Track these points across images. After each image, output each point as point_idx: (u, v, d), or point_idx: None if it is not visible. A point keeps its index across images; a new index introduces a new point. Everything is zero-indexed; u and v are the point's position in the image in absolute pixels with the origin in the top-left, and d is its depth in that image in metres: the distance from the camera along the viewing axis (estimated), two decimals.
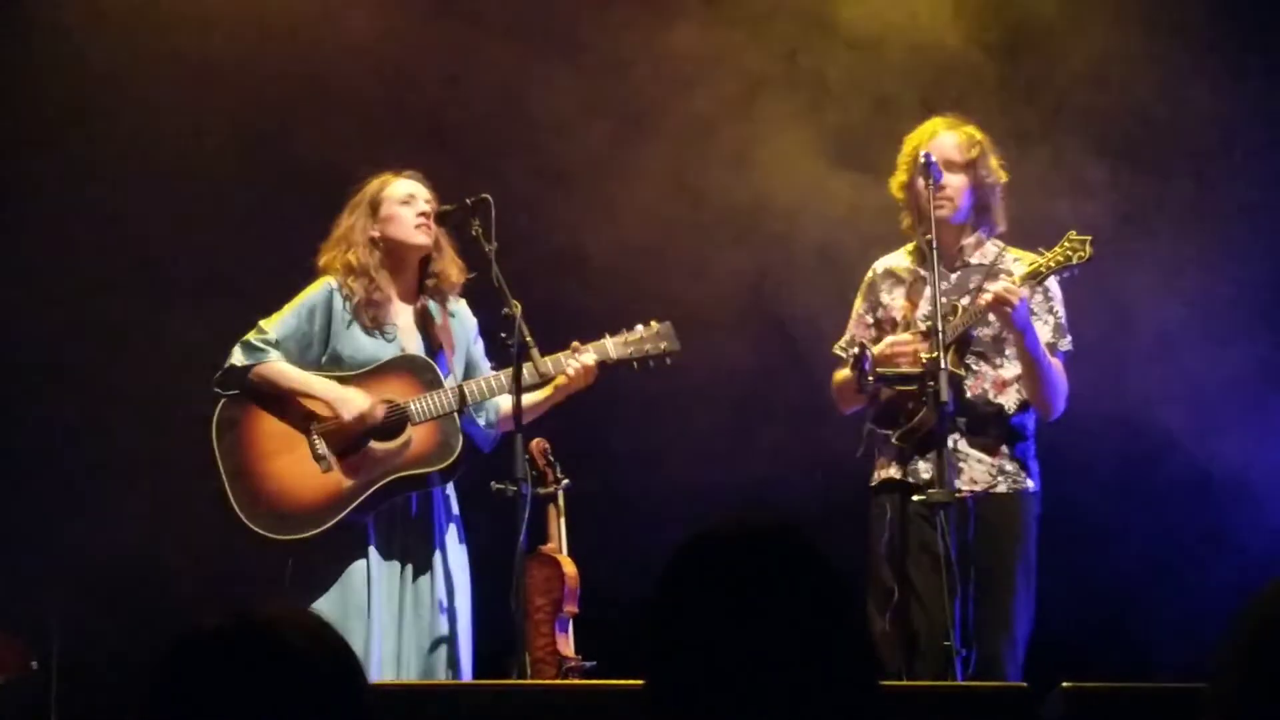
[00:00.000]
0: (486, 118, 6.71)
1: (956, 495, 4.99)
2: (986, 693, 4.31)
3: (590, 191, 6.58)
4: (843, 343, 5.51)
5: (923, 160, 5.18)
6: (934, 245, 5.09)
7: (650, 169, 6.56)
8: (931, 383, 4.94)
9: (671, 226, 6.59)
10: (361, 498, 5.00)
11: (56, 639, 6.32)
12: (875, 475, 5.35)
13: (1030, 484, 5.28)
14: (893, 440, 5.23)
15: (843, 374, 5.43)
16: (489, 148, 6.60)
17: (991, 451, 5.22)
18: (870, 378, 5.07)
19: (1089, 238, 5.15)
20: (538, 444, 6.06)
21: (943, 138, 5.35)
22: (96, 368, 6.67)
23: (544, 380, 5.09)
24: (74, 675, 6.35)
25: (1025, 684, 3.92)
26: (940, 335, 4.94)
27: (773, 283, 6.43)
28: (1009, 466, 5.25)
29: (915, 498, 5.05)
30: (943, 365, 4.92)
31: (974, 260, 5.37)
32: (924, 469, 5.20)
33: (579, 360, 5.09)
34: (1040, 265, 5.17)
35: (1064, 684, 3.81)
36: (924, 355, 5.02)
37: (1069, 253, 5.14)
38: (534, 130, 6.67)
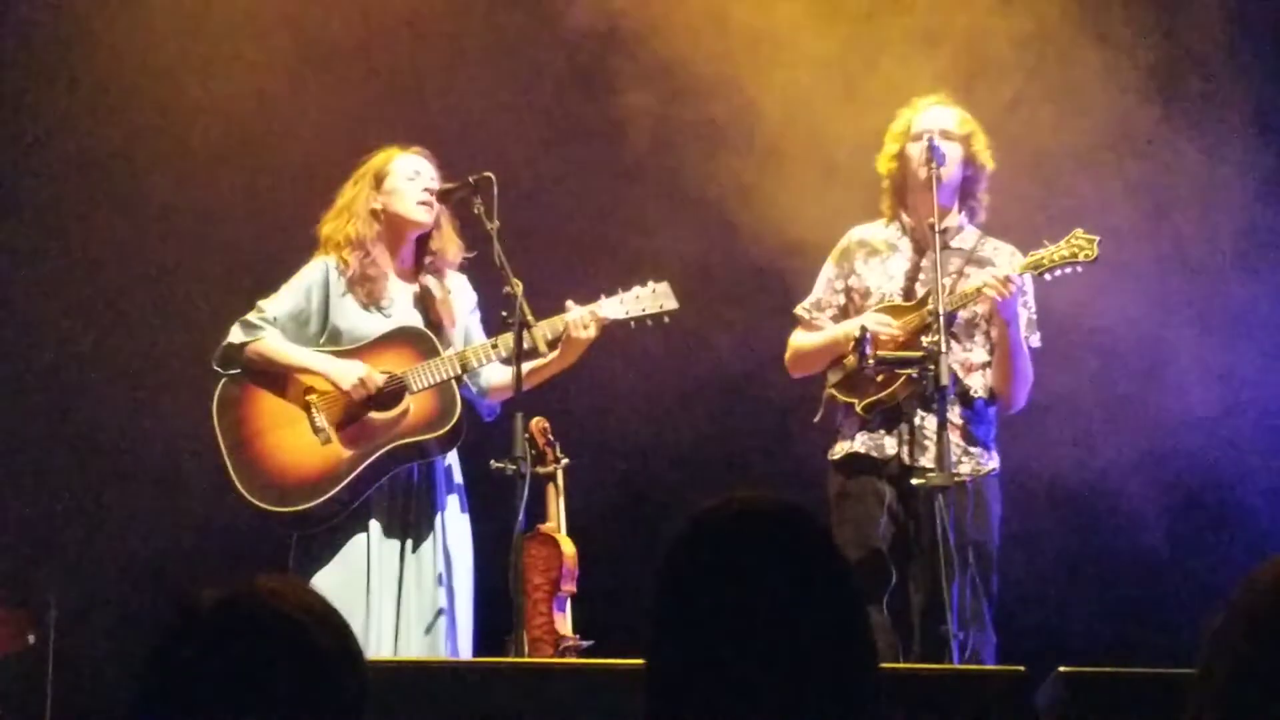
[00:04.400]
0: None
1: (955, 479, 4.98)
2: (984, 676, 4.31)
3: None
4: (807, 304, 5.48)
5: (926, 142, 5.17)
6: (936, 230, 5.08)
7: None
8: (932, 366, 4.94)
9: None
10: (360, 468, 5.01)
11: (54, 612, 6.32)
12: (838, 448, 5.33)
13: (993, 465, 5.27)
14: (857, 409, 5.22)
15: (806, 338, 5.42)
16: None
17: (955, 432, 5.18)
18: (871, 359, 5.06)
19: (1097, 238, 5.11)
20: (537, 423, 6.06)
21: (938, 110, 5.34)
22: (95, 349, 6.68)
23: (545, 350, 5.08)
24: (72, 648, 6.35)
25: (1022, 668, 3.91)
26: (940, 319, 4.94)
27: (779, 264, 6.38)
28: (973, 448, 5.24)
29: (914, 481, 5.03)
30: (943, 349, 4.92)
31: (954, 244, 5.33)
32: (889, 444, 5.19)
33: (586, 310, 5.07)
34: (1043, 258, 5.13)
35: (1061, 668, 3.81)
36: (925, 340, 5.01)
37: (1075, 249, 5.11)
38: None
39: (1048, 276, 5.18)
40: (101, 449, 6.62)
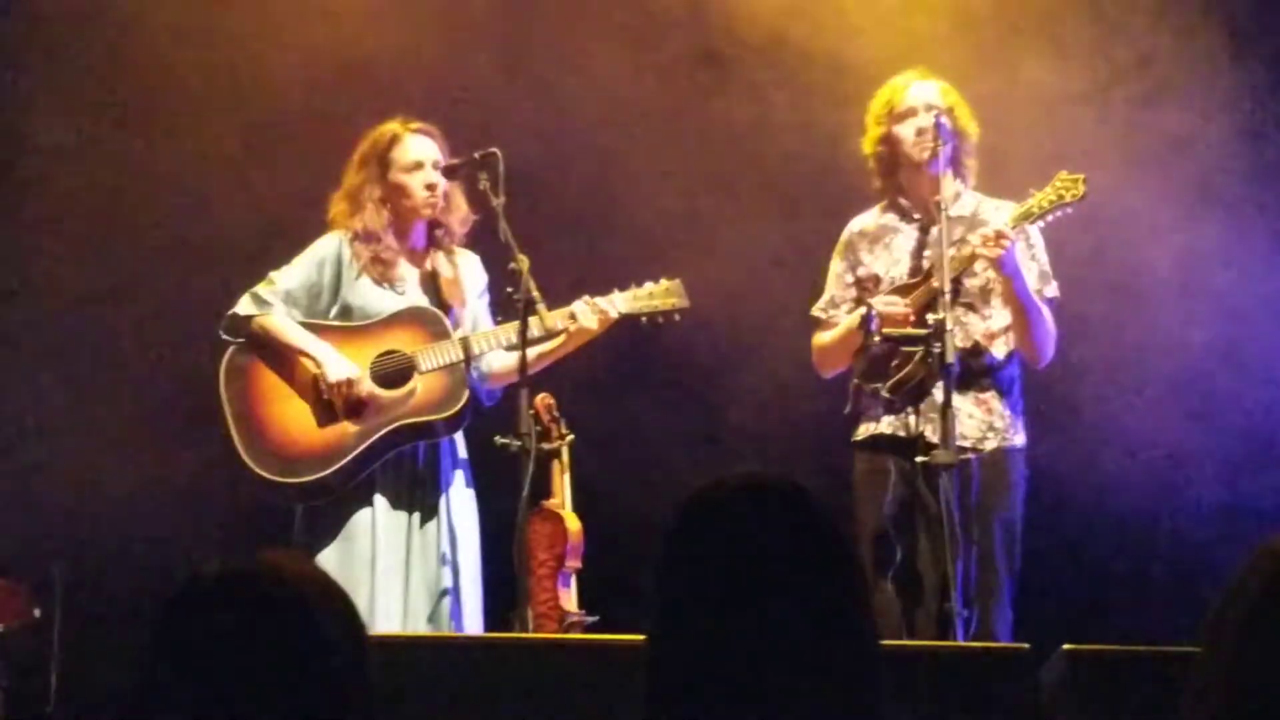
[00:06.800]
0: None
1: (960, 457, 4.98)
2: (988, 654, 4.31)
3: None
4: (821, 304, 5.47)
5: (934, 120, 5.15)
6: (943, 207, 5.05)
7: None
8: (938, 343, 4.93)
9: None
10: (365, 444, 5.03)
11: (59, 586, 6.33)
12: (861, 430, 5.33)
13: (1019, 441, 5.26)
14: (883, 392, 5.21)
15: (825, 336, 5.42)
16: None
17: (981, 406, 5.20)
18: (876, 338, 5.05)
19: (1082, 176, 5.10)
20: (542, 399, 6.05)
21: (920, 85, 5.32)
22: (103, 316, 6.68)
23: (549, 335, 5.09)
24: (76, 622, 6.36)
25: (1027, 645, 3.91)
26: (944, 295, 4.93)
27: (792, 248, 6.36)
28: (999, 423, 5.23)
29: (919, 459, 5.03)
30: (948, 326, 4.91)
31: (953, 212, 5.31)
32: (913, 423, 5.19)
33: (598, 304, 5.09)
34: (1032, 206, 5.12)
35: (1065, 646, 3.81)
36: (930, 318, 5.00)
37: (1061, 192, 5.10)
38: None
39: (1040, 224, 5.17)
40: (106, 422, 6.61)
